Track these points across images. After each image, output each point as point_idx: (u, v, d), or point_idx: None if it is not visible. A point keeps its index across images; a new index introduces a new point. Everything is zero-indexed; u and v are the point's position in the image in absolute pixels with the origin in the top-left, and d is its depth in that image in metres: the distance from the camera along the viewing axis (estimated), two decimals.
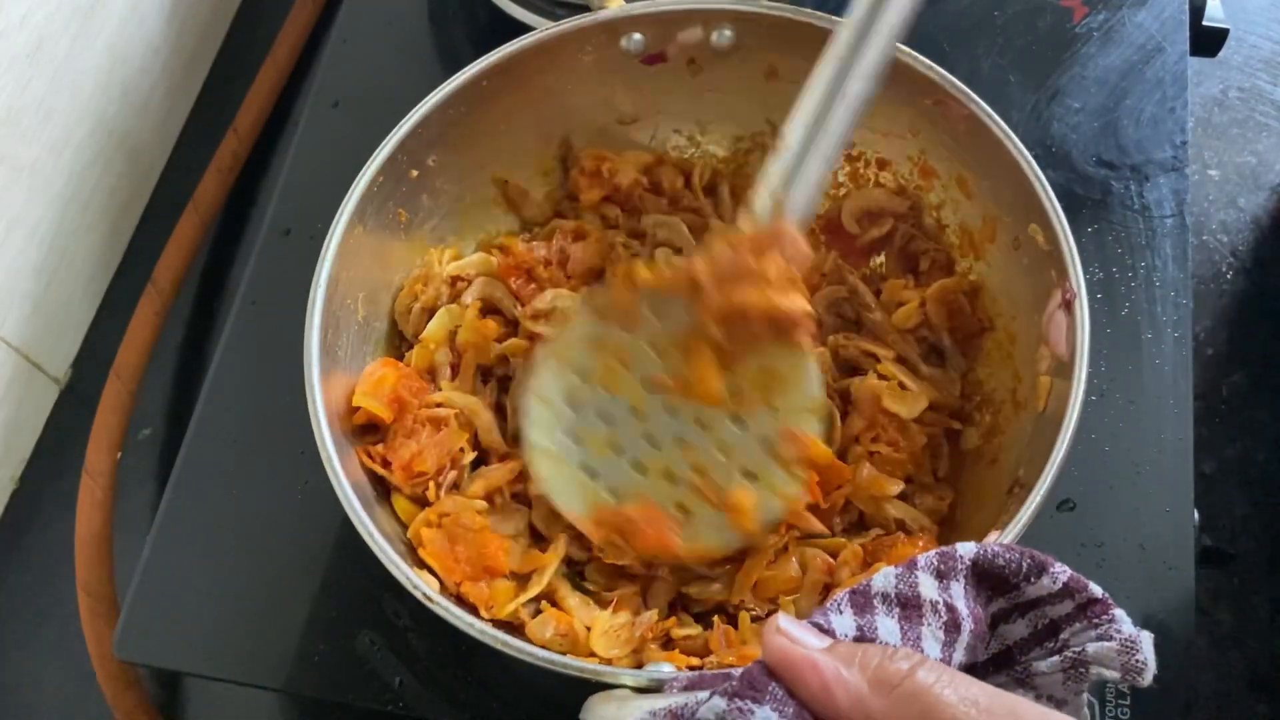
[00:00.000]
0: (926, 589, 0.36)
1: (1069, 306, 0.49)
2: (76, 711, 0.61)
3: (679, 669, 0.45)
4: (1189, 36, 0.68)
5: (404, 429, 0.52)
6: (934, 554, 0.37)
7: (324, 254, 0.51)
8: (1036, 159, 0.51)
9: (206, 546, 0.56)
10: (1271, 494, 0.64)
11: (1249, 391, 0.67)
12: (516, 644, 0.43)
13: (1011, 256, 0.54)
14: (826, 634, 0.35)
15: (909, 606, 0.36)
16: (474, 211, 0.60)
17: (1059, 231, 0.50)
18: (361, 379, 0.53)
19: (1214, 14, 0.68)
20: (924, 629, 0.36)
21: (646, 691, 0.40)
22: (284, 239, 0.64)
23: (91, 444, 0.64)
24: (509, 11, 0.68)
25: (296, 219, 0.64)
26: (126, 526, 0.63)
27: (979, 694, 0.32)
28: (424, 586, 0.44)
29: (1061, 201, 0.50)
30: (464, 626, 0.43)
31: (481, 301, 0.58)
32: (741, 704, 0.33)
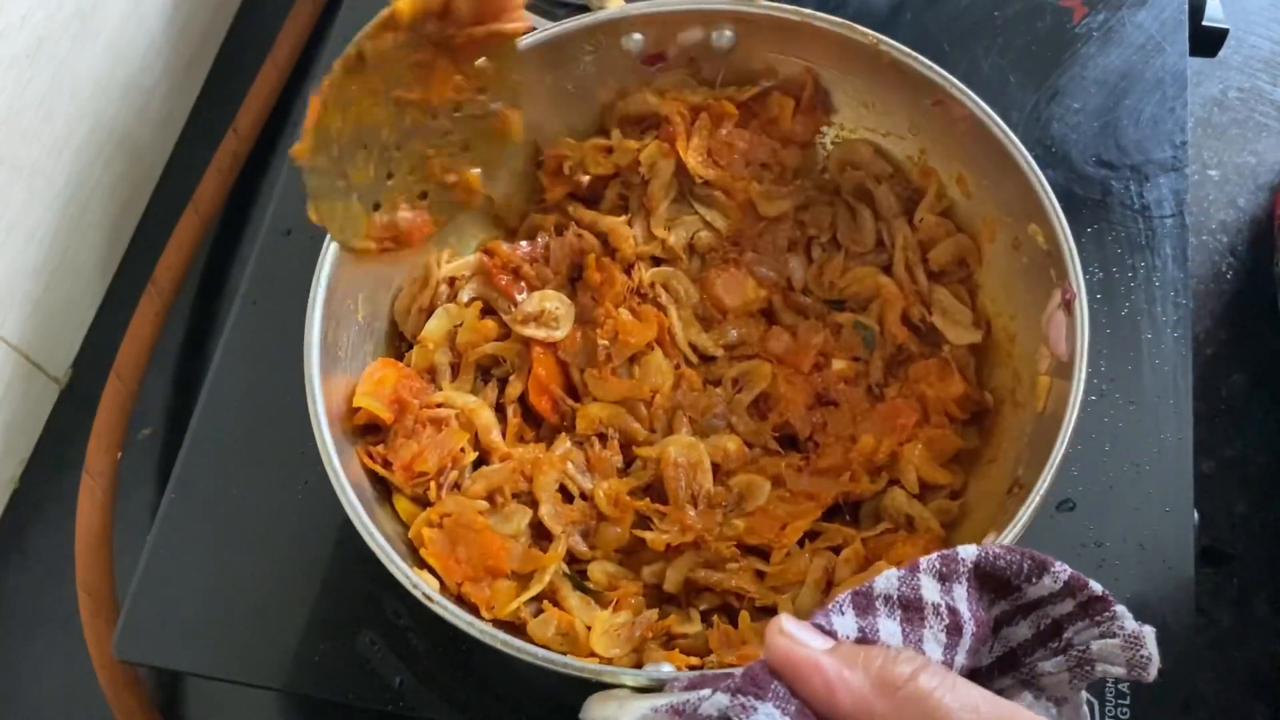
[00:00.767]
0: (929, 591, 0.37)
1: (1069, 306, 0.49)
2: (76, 711, 0.61)
3: (679, 669, 0.45)
4: (1189, 36, 0.68)
5: (404, 429, 0.52)
6: (935, 557, 0.37)
7: (324, 254, 0.51)
8: (1036, 159, 0.52)
9: (206, 546, 0.56)
10: (1271, 494, 0.64)
11: (1249, 391, 0.67)
12: (517, 644, 0.43)
13: (1011, 256, 0.54)
14: (828, 635, 0.35)
15: (911, 609, 0.36)
16: (474, 211, 0.60)
17: (1059, 232, 0.50)
18: (362, 379, 0.53)
19: (1214, 14, 0.68)
20: (926, 631, 0.36)
21: (646, 691, 0.40)
22: (284, 239, 0.64)
23: (91, 444, 0.64)
24: None
25: (296, 219, 0.64)
26: (126, 526, 0.63)
27: (979, 700, 0.32)
28: (424, 586, 0.44)
29: (1061, 201, 0.51)
30: (464, 626, 0.43)
31: (481, 301, 0.58)
32: (744, 700, 0.34)
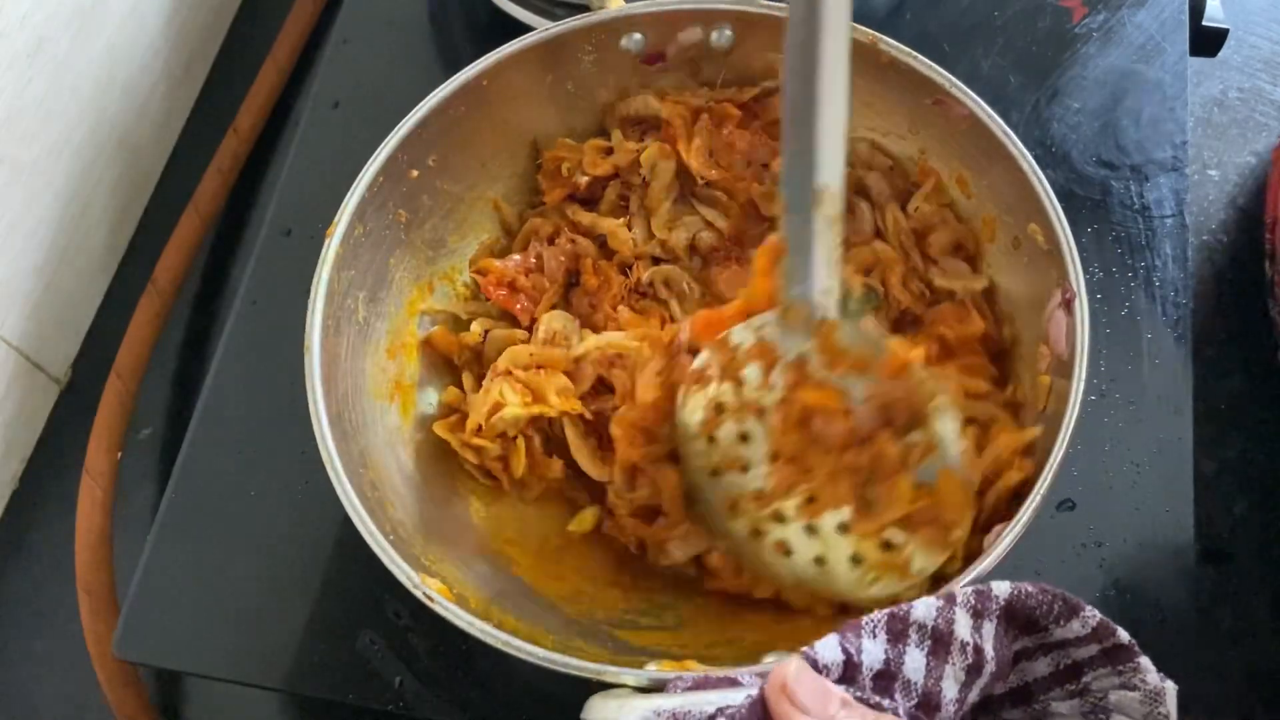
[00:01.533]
0: (961, 628, 0.36)
1: (1069, 306, 0.49)
2: (76, 711, 0.61)
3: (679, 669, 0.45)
4: (1189, 37, 0.68)
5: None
6: (971, 591, 0.37)
7: (324, 255, 0.51)
8: (1036, 159, 0.51)
9: (206, 546, 0.56)
10: (1271, 494, 0.64)
11: (1249, 391, 0.67)
12: (518, 644, 0.43)
13: (1011, 256, 0.54)
14: (851, 664, 0.35)
15: (940, 642, 0.36)
16: (475, 211, 0.60)
17: (1059, 231, 0.50)
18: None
19: (1214, 14, 0.68)
20: (948, 667, 0.36)
21: (647, 691, 0.40)
22: (284, 239, 0.64)
23: (91, 444, 0.64)
24: (509, 11, 0.68)
25: (296, 219, 0.64)
26: (126, 526, 0.63)
27: None
28: (424, 587, 0.44)
29: (1061, 202, 0.50)
30: (465, 626, 0.43)
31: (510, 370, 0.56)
32: None
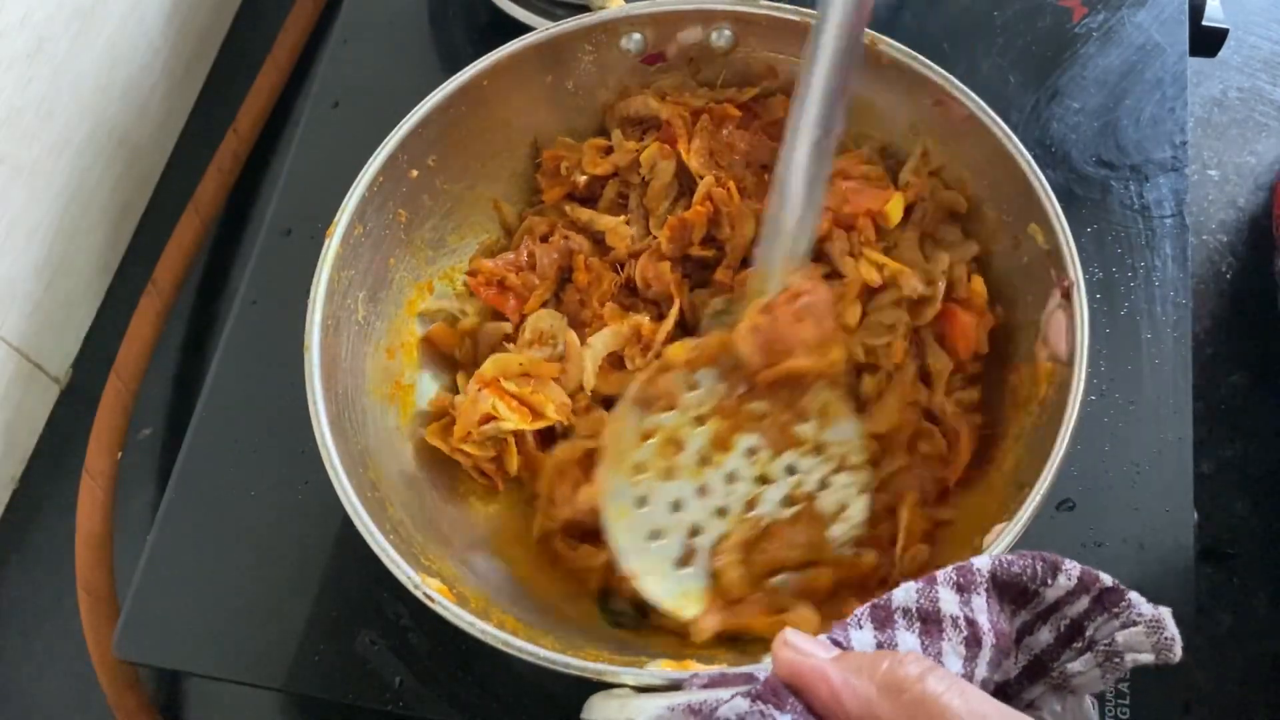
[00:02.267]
0: (947, 604, 0.36)
1: (1068, 296, 0.49)
2: (76, 711, 0.61)
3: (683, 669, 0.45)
4: (1189, 37, 0.68)
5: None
6: (952, 569, 0.37)
7: (324, 254, 0.51)
8: (1036, 159, 0.51)
9: (206, 546, 0.56)
10: (1271, 494, 0.64)
11: (1249, 391, 0.67)
12: (518, 643, 0.43)
13: (1011, 256, 0.54)
14: (844, 649, 0.35)
15: (930, 621, 0.36)
16: (475, 211, 0.60)
17: (1058, 231, 0.50)
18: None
19: (1214, 14, 0.68)
20: (945, 644, 0.36)
21: (647, 691, 0.40)
22: (284, 239, 0.64)
23: (91, 444, 0.64)
24: (509, 11, 0.68)
25: (296, 219, 0.64)
26: (126, 526, 0.63)
27: (990, 710, 0.31)
28: (424, 587, 0.44)
29: (1061, 201, 0.50)
30: (465, 626, 0.43)
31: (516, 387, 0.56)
32: (764, 708, 0.33)
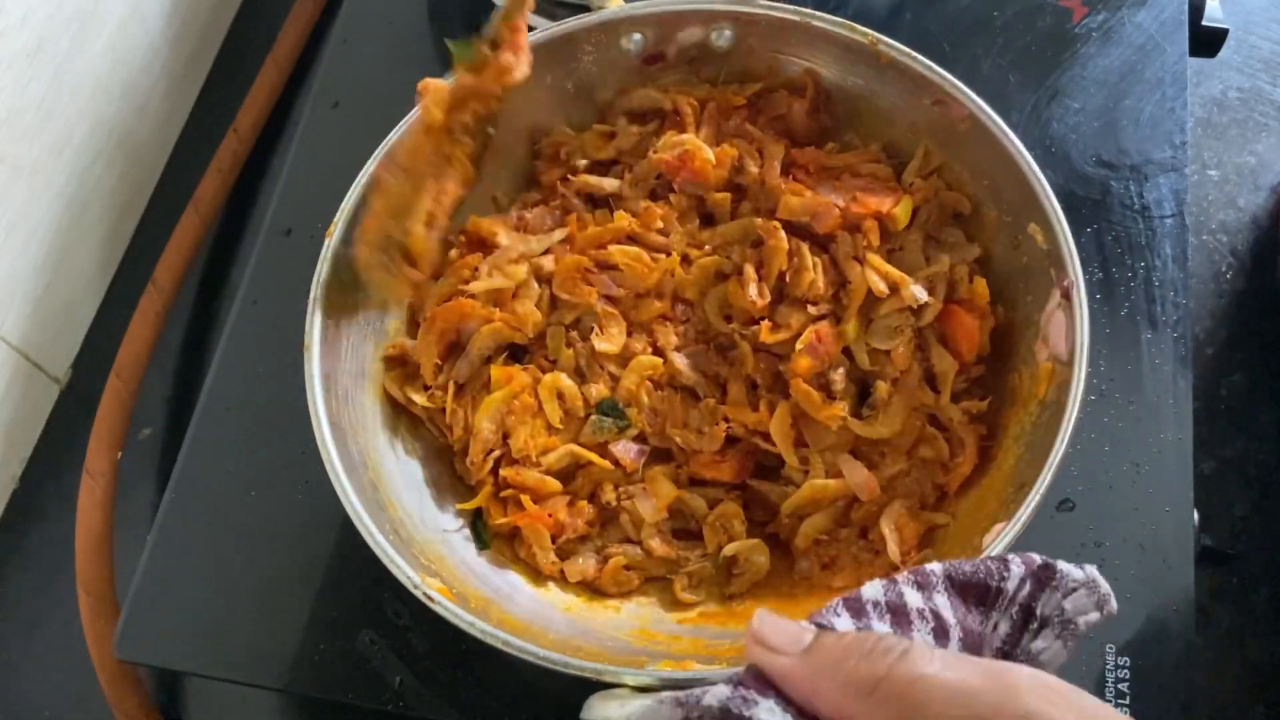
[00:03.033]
0: (911, 598, 0.38)
1: (1067, 296, 0.49)
2: (76, 711, 0.61)
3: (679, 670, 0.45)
4: (1189, 36, 0.68)
5: None
6: (909, 571, 0.39)
7: (324, 254, 0.51)
8: (1036, 159, 0.52)
9: (206, 546, 0.56)
10: (1271, 494, 0.64)
11: (1249, 391, 0.67)
12: (517, 643, 0.43)
13: (1011, 256, 0.54)
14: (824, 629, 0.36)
15: (898, 613, 0.37)
16: (476, 211, 0.60)
17: (1058, 231, 0.50)
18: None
19: (1214, 14, 0.68)
20: (914, 634, 0.37)
21: (647, 690, 0.40)
22: (284, 239, 0.64)
23: (91, 444, 0.64)
24: None
25: (296, 219, 0.64)
26: (126, 526, 0.63)
27: (969, 673, 0.31)
28: (425, 587, 0.44)
29: (1061, 202, 0.51)
30: (465, 626, 0.43)
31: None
32: (746, 693, 0.34)
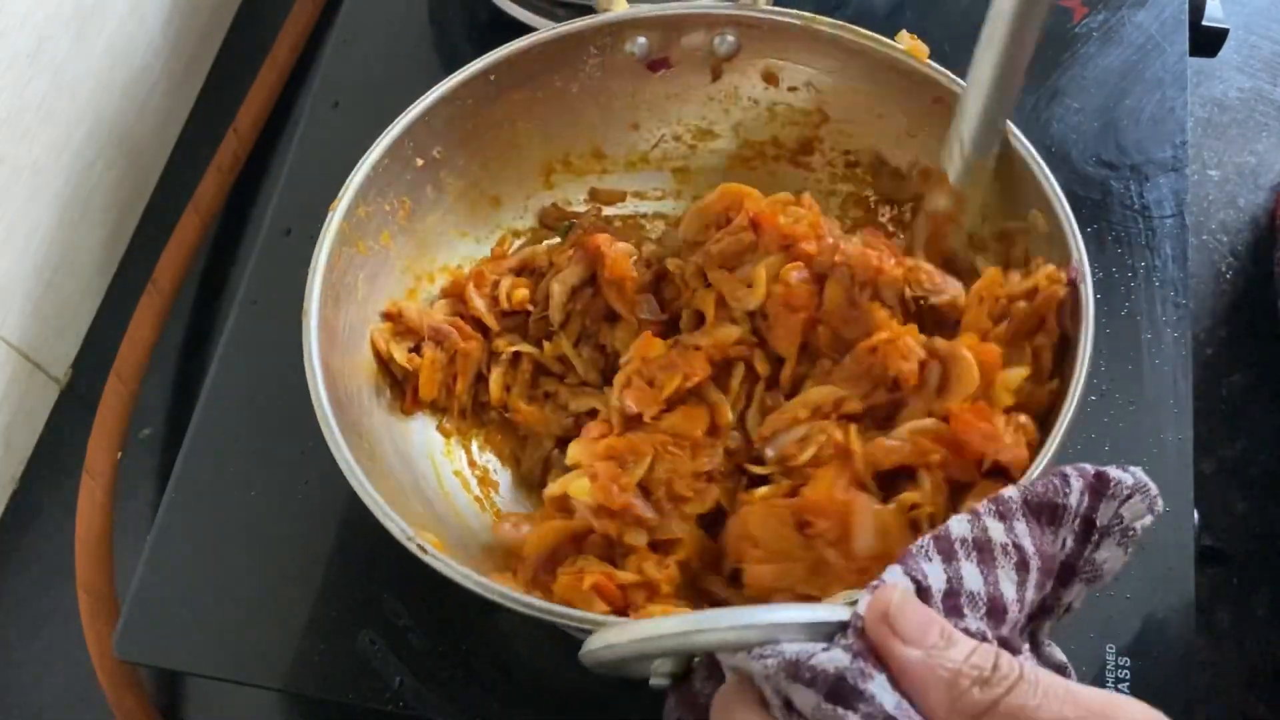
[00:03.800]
0: (995, 532, 0.38)
1: (1072, 286, 0.48)
2: (76, 711, 0.61)
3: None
4: (1189, 36, 0.68)
5: None
6: (988, 500, 0.39)
7: (319, 253, 0.51)
8: None
9: (206, 546, 0.56)
10: (1271, 494, 0.64)
11: (1249, 391, 0.67)
12: (513, 595, 0.42)
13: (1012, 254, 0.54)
14: (921, 589, 0.36)
15: (984, 550, 0.38)
16: (477, 210, 0.60)
17: (1062, 217, 0.49)
18: None
19: (1214, 14, 0.68)
20: (1000, 571, 0.38)
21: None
22: (284, 239, 0.64)
23: (91, 444, 0.64)
24: (509, 12, 0.68)
25: (297, 219, 0.64)
26: (126, 526, 0.63)
27: (1074, 710, 0.32)
28: (418, 539, 0.43)
29: None
30: (459, 579, 0.42)
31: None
32: (864, 666, 0.33)
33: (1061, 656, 0.41)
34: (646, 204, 0.63)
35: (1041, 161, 0.51)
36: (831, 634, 0.34)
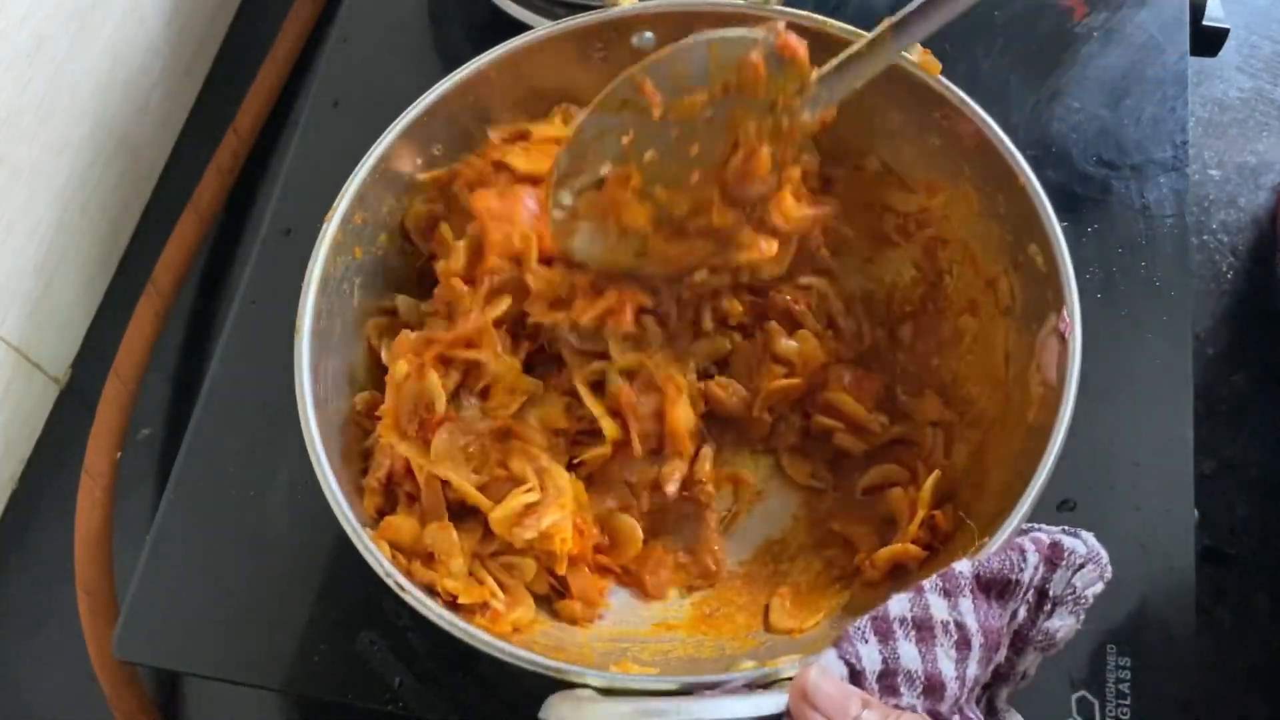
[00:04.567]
0: (937, 610, 0.39)
1: (1062, 337, 0.48)
2: (76, 711, 0.61)
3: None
4: (1189, 36, 0.68)
5: None
6: (936, 576, 0.40)
7: (316, 253, 0.51)
8: (1036, 159, 0.51)
9: (206, 546, 0.56)
10: (1271, 494, 0.64)
11: (1249, 391, 0.67)
12: (516, 651, 0.43)
13: (1013, 275, 0.54)
14: (855, 672, 0.37)
15: (923, 628, 0.38)
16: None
17: (1057, 254, 0.49)
18: None
19: (1214, 14, 0.68)
20: (938, 649, 0.38)
21: (609, 693, 0.41)
22: (284, 239, 0.64)
23: (91, 444, 0.64)
24: (509, 11, 0.68)
25: (296, 219, 0.64)
26: (126, 526, 0.63)
27: None
28: (396, 575, 0.44)
29: (1062, 202, 0.51)
30: (459, 634, 0.43)
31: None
32: None
33: None
34: None
35: (1047, 202, 0.50)
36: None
